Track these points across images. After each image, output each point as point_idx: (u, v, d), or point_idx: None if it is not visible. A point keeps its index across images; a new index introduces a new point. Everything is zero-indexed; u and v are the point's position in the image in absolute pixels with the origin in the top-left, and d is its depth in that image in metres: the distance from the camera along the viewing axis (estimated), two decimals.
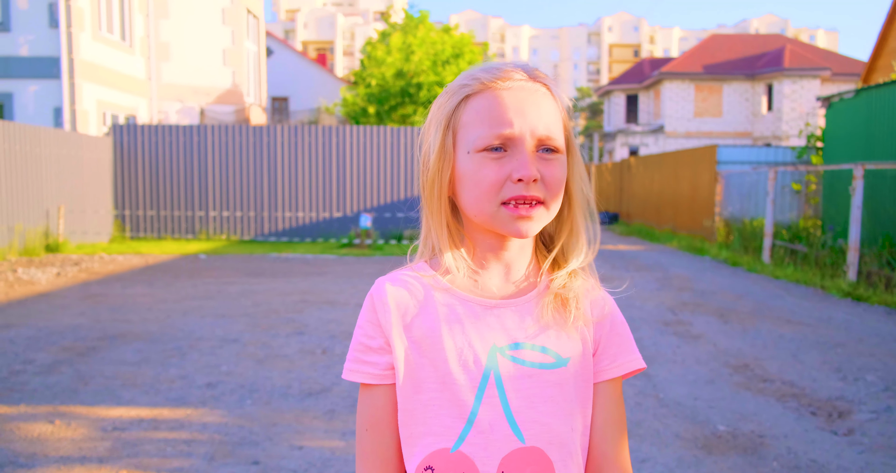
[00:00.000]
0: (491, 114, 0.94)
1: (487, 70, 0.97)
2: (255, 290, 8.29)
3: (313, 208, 14.81)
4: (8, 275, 9.10)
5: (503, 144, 0.93)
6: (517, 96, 0.95)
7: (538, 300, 1.00)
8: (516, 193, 0.92)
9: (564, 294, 1.00)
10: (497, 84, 0.95)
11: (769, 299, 8.24)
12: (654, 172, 19.97)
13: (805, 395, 4.46)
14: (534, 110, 0.94)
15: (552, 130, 0.95)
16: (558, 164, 0.96)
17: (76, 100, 14.35)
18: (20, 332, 5.84)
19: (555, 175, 0.95)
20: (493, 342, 0.96)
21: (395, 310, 0.98)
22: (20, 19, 14.22)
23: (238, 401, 4.15)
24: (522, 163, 0.92)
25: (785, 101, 30.41)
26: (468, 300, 0.98)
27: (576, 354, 0.99)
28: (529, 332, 0.98)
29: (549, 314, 0.99)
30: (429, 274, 1.00)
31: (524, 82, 0.96)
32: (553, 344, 0.98)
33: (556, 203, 0.96)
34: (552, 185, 0.94)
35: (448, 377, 0.95)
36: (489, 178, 0.93)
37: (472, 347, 0.96)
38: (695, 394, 4.44)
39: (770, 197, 11.99)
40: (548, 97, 0.97)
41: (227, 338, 5.75)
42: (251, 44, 20.78)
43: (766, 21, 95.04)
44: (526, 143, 0.93)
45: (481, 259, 1.00)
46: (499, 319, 0.98)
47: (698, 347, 5.75)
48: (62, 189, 12.52)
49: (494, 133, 0.93)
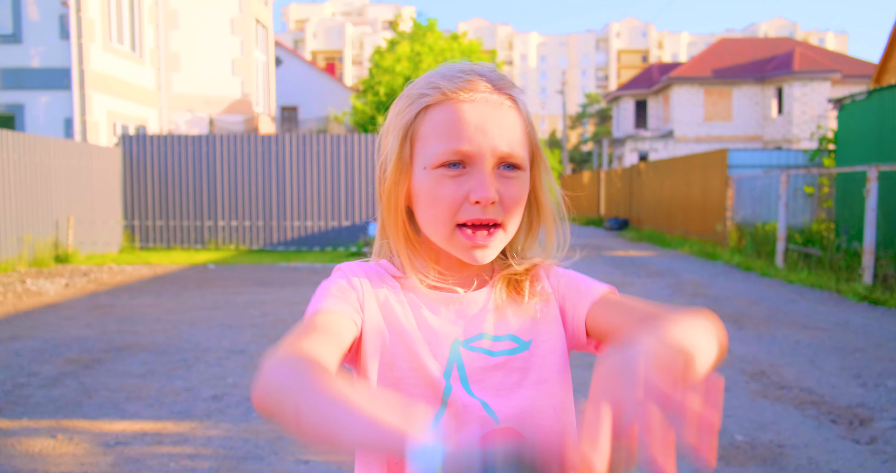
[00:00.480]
0: (450, 129, 0.90)
1: (450, 79, 0.92)
2: (263, 300, 8.24)
3: (322, 216, 14.78)
4: (17, 286, 9.09)
5: (462, 160, 0.89)
6: (479, 111, 0.90)
7: (494, 290, 0.99)
8: (473, 216, 0.89)
9: (516, 276, 0.99)
10: (459, 95, 0.90)
11: (784, 303, 8.11)
12: (664, 178, 19.83)
13: (825, 402, 4.34)
14: (495, 127, 0.90)
15: (514, 146, 0.91)
16: (518, 183, 0.92)
17: (86, 111, 14.40)
18: (26, 344, 5.80)
19: (513, 195, 0.92)
20: (455, 335, 0.95)
21: (369, 286, 0.95)
22: (31, 31, 14.31)
23: (244, 414, 4.08)
24: (481, 183, 0.88)
25: (795, 104, 30.21)
26: (429, 294, 0.96)
27: (540, 332, 0.97)
28: (488, 322, 0.96)
29: (503, 299, 0.98)
30: (392, 270, 0.98)
31: (487, 95, 0.91)
32: (512, 329, 0.96)
33: (513, 223, 0.94)
34: (510, 205, 0.91)
35: (418, 361, 0.92)
36: (446, 198, 0.90)
37: (436, 337, 0.94)
38: None
39: (783, 200, 11.85)
40: (511, 110, 0.93)
41: (234, 349, 5.69)
42: (260, 53, 20.85)
43: (774, 25, 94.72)
44: (485, 161, 0.89)
45: (444, 265, 0.98)
46: (459, 313, 0.96)
47: None
48: (72, 200, 12.54)
49: (452, 148, 0.89)
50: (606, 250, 15.62)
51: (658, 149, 33.87)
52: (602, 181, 29.49)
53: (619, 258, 13.60)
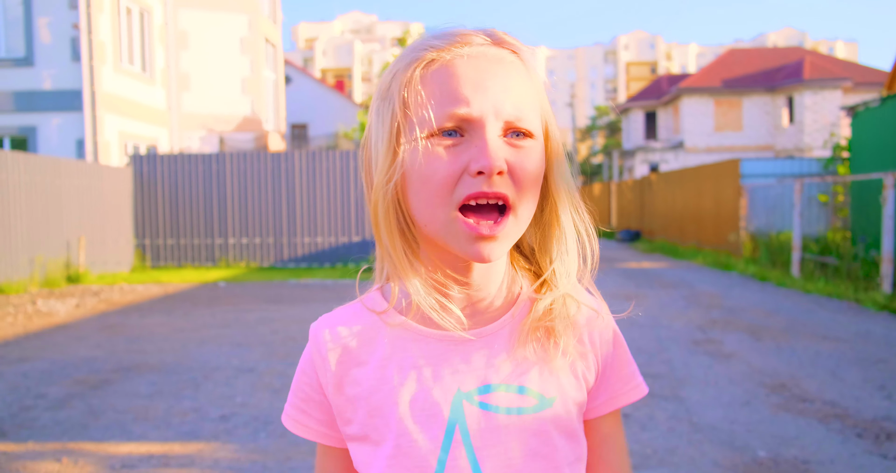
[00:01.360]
0: (442, 89, 0.73)
1: (441, 36, 0.76)
2: (273, 317, 8.17)
3: (332, 232, 14.75)
4: (27, 307, 9.08)
5: (458, 127, 0.72)
6: (477, 66, 0.73)
7: (514, 329, 0.80)
8: (475, 189, 0.70)
9: (550, 323, 0.79)
10: (451, 51, 0.74)
11: (802, 314, 7.96)
12: (675, 188, 19.69)
13: (849, 416, 4.21)
14: (498, 84, 0.73)
15: (523, 109, 0.74)
16: (532, 152, 0.74)
17: (98, 131, 14.50)
18: (35, 365, 5.75)
19: (526, 167, 0.73)
20: (458, 386, 0.77)
21: (335, 364, 0.81)
22: (43, 53, 14.45)
23: (252, 434, 3.99)
24: (483, 150, 0.70)
25: (806, 113, 30.01)
26: (426, 335, 0.79)
27: (564, 392, 0.80)
28: (503, 369, 0.78)
29: (529, 346, 0.79)
30: (379, 308, 0.82)
31: (485, 48, 0.75)
32: (534, 383, 0.78)
33: (527, 206, 0.74)
34: (523, 179, 0.72)
35: (405, 439, 0.77)
36: (440, 171, 0.71)
37: (431, 396, 0.77)
38: (731, 417, 4.21)
39: (797, 209, 11.70)
40: (517, 67, 0.76)
41: (243, 368, 5.62)
42: (270, 72, 20.97)
43: (783, 34, 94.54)
44: (488, 126, 0.72)
45: (442, 282, 0.79)
46: (464, 356, 0.78)
47: (731, 366, 5.51)
48: (83, 220, 12.58)
49: (446, 113, 0.72)
50: (619, 261, 15.48)
51: (668, 160, 33.72)
52: (613, 193, 29.37)
53: (631, 270, 13.46)
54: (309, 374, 0.83)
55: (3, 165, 10.43)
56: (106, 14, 14.86)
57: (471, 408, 0.76)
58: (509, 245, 0.75)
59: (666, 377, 5.13)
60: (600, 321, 0.84)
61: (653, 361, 5.62)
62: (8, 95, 14.45)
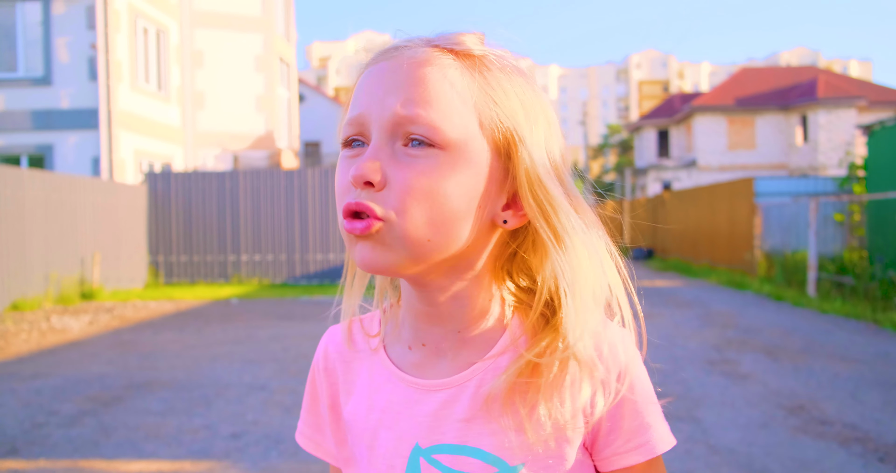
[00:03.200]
0: (354, 96, 0.68)
1: (384, 47, 0.69)
2: (286, 334, 8.16)
3: (344, 249, 14.71)
4: (41, 324, 9.12)
5: (359, 134, 0.66)
6: (384, 69, 0.66)
7: (486, 380, 0.70)
8: (346, 200, 0.65)
9: (531, 380, 0.68)
10: (379, 57, 0.68)
11: (819, 334, 7.85)
12: (689, 207, 19.61)
13: (870, 439, 4.12)
14: (396, 84, 0.64)
15: (421, 108, 0.63)
16: (425, 164, 0.63)
17: (114, 149, 14.64)
18: (47, 382, 5.76)
19: (407, 180, 0.63)
20: (417, 440, 0.70)
21: (330, 384, 0.80)
22: (61, 73, 14.66)
23: (263, 453, 3.96)
24: (359, 158, 0.65)
25: (820, 131, 29.89)
26: (398, 378, 0.74)
27: (538, 457, 0.68)
28: (463, 428, 0.69)
29: (499, 400, 0.68)
30: (374, 332, 0.78)
31: (413, 50, 0.66)
32: (494, 444, 0.68)
33: (414, 225, 0.63)
34: (402, 195, 0.63)
35: None
36: (337, 182, 0.68)
37: (394, 446, 0.72)
38: (749, 440, 4.14)
39: (812, 228, 11.60)
40: (447, 69, 0.65)
41: (255, 385, 5.60)
42: (284, 90, 21.15)
43: (796, 53, 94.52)
44: (374, 129, 0.65)
45: (414, 312, 0.73)
46: (428, 407, 0.71)
47: (748, 387, 5.42)
48: (98, 237, 12.66)
49: (347, 118, 0.68)
50: (632, 280, 15.36)
51: (681, 178, 33.62)
52: (625, 211, 29.28)
53: (645, 289, 13.32)
54: (312, 385, 0.82)
55: (21, 183, 10.54)
56: (123, 34, 15.08)
57: (427, 467, 0.70)
58: (393, 257, 0.65)
59: (682, 398, 5.06)
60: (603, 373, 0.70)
61: (668, 381, 5.55)
62: (26, 113, 14.64)
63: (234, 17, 18.87)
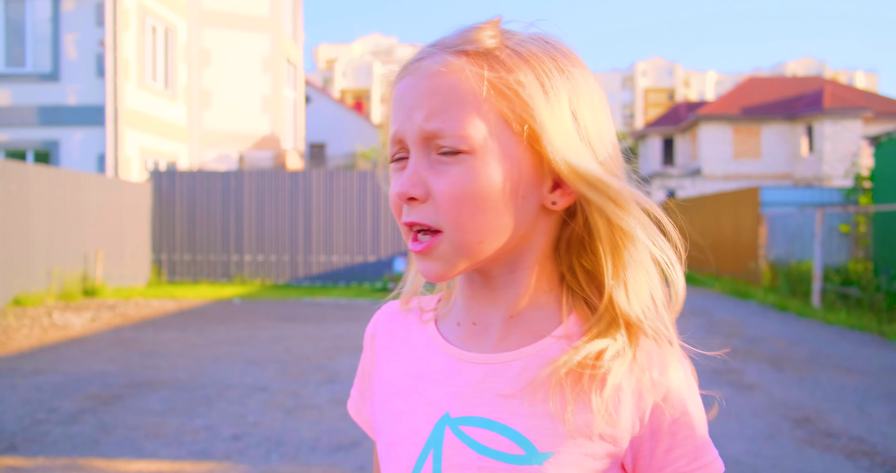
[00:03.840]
0: (391, 112, 0.71)
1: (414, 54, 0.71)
2: (288, 335, 8.12)
3: (347, 252, 14.73)
4: (43, 320, 9.10)
5: (402, 149, 0.69)
6: (410, 82, 0.68)
7: (532, 365, 0.69)
8: (403, 219, 0.69)
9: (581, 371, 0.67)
10: (404, 71, 0.70)
11: (824, 345, 7.80)
12: (693, 215, 19.56)
13: (877, 453, 4.08)
14: (416, 96, 0.67)
15: (439, 119, 0.65)
16: (457, 172, 0.65)
17: (119, 146, 14.64)
18: (48, 379, 5.73)
19: (444, 190, 0.65)
20: (448, 409, 0.70)
21: (376, 349, 0.82)
22: (69, 69, 14.67)
23: (264, 455, 3.93)
24: (400, 175, 0.69)
25: (826, 142, 29.83)
26: (443, 348, 0.75)
27: (569, 449, 0.66)
28: (493, 401, 0.69)
29: (547, 383, 0.67)
30: (429, 308, 0.80)
31: (433, 60, 0.67)
32: (528, 426, 0.67)
33: (467, 231, 0.66)
34: (444, 204, 0.65)
35: (392, 447, 0.75)
36: (390, 196, 0.70)
37: (423, 412, 0.72)
38: (755, 451, 4.09)
39: (818, 239, 11.55)
40: (459, 73, 0.66)
41: (256, 386, 5.56)
42: (290, 91, 21.16)
43: (803, 64, 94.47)
44: (410, 144, 0.68)
45: (468, 295, 0.75)
46: (468, 378, 0.71)
47: (753, 398, 5.38)
48: (101, 234, 12.64)
49: (389, 136, 0.70)
50: None
51: (686, 186, 33.56)
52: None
53: None
54: (364, 352, 0.85)
55: (26, 178, 10.53)
56: (132, 32, 15.09)
57: (451, 437, 0.69)
58: (454, 268, 0.68)
59: None
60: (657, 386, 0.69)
61: None
62: (33, 109, 14.65)
63: (243, 18, 18.89)
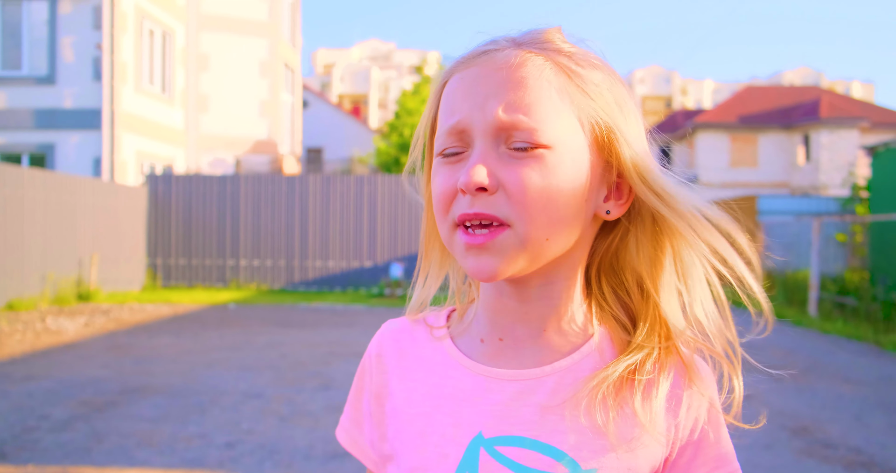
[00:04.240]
0: (447, 104, 0.68)
1: (469, 51, 0.70)
2: (283, 341, 8.07)
3: (343, 257, 14.69)
4: (37, 325, 9.03)
5: (459, 141, 0.66)
6: (478, 74, 0.66)
7: (568, 381, 0.68)
8: (460, 209, 0.65)
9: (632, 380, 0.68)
10: (469, 63, 0.68)
11: (821, 355, 7.78)
12: None
13: (875, 464, 4.05)
14: (491, 86, 0.65)
15: (521, 111, 0.64)
16: (535, 165, 0.63)
17: (115, 150, 14.59)
18: (40, 385, 5.67)
19: (524, 182, 0.63)
20: (480, 429, 0.68)
21: (380, 373, 0.77)
22: (65, 72, 14.63)
23: (257, 463, 3.88)
24: (467, 166, 0.64)
25: (823, 151, 29.91)
26: (465, 366, 0.72)
27: (613, 464, 0.66)
28: (537, 422, 0.67)
29: (582, 406, 0.67)
30: (439, 325, 0.77)
31: (504, 53, 0.66)
32: (570, 442, 0.66)
33: (540, 227, 0.64)
34: (521, 197, 0.63)
35: (416, 469, 0.71)
36: (438, 189, 0.67)
37: (451, 434, 0.69)
38: (753, 461, 4.06)
39: (815, 248, 11.55)
40: (539, 69, 0.65)
41: (251, 393, 5.51)
42: (287, 96, 21.15)
43: (800, 73, 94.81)
44: (478, 137, 0.65)
45: (490, 308, 0.73)
46: (500, 396, 0.69)
47: (750, 407, 5.33)
48: (96, 238, 12.59)
49: (445, 127, 0.67)
50: None
51: None
52: None
53: None
54: (360, 376, 0.80)
55: (21, 182, 10.47)
56: (129, 35, 15.07)
57: (486, 458, 0.67)
58: (512, 264, 0.65)
59: None
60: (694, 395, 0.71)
61: None
62: (29, 112, 14.61)
63: (241, 22, 18.89)
